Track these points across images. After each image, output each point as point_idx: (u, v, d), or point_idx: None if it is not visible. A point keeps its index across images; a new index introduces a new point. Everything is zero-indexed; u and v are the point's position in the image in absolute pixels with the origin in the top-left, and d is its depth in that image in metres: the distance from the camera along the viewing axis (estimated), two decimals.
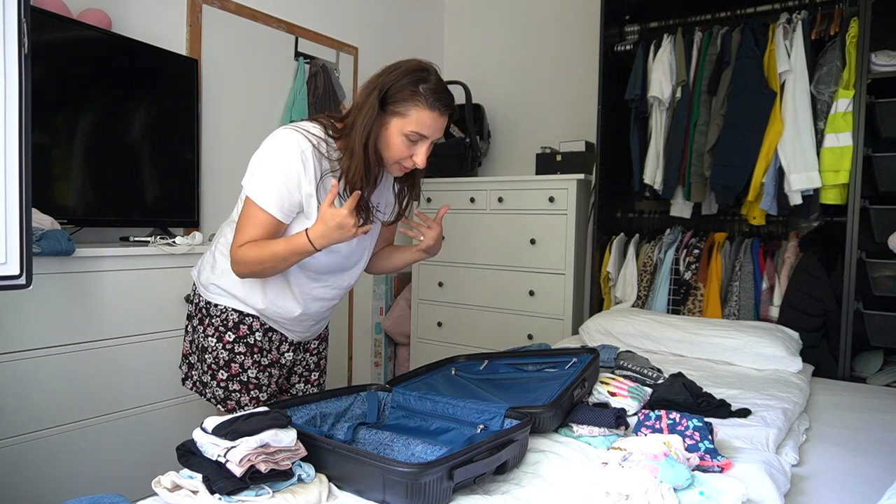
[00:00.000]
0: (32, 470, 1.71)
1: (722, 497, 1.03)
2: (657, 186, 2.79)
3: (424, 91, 1.26)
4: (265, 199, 1.29)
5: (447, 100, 1.30)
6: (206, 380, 1.49)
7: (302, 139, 1.30)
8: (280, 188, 1.29)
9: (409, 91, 1.26)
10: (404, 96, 1.26)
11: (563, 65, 3.50)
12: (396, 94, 1.27)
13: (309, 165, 1.30)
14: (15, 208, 1.30)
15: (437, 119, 1.29)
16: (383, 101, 1.28)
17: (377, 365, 3.61)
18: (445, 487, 1.03)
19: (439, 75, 1.31)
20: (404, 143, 1.30)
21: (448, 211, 1.55)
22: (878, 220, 2.30)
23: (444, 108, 1.29)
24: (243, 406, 1.48)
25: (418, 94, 1.26)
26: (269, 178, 1.29)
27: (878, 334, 2.32)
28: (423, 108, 1.26)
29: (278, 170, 1.29)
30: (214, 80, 2.60)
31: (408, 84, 1.26)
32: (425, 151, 1.32)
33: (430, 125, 1.29)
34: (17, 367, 1.67)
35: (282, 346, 1.55)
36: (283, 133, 1.32)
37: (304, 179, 1.30)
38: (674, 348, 2.35)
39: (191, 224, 2.43)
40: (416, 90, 1.26)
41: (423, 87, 1.26)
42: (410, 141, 1.30)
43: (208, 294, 1.49)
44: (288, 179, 1.29)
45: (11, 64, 1.27)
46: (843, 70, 2.36)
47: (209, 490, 1.01)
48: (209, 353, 1.48)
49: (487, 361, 1.79)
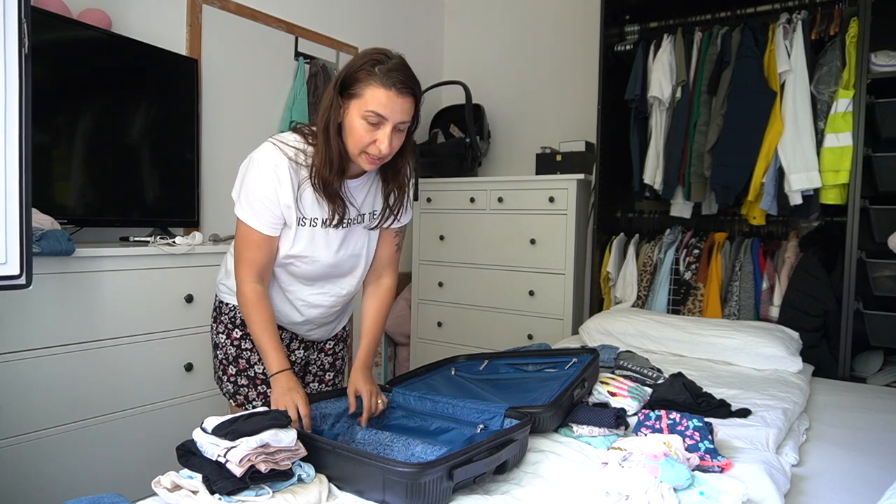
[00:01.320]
0: (32, 470, 1.71)
1: (722, 497, 1.03)
2: (657, 186, 2.79)
3: (380, 71, 1.23)
4: (253, 219, 1.34)
5: (406, 80, 1.24)
6: (219, 375, 1.56)
7: (276, 153, 1.32)
8: (262, 208, 1.33)
9: (365, 72, 1.24)
10: (359, 77, 1.24)
11: (563, 65, 3.50)
12: (353, 77, 1.25)
13: (284, 179, 1.32)
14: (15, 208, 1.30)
15: (394, 98, 1.23)
16: (343, 88, 1.27)
17: (377, 365, 3.61)
18: (445, 487, 1.03)
19: (402, 61, 1.27)
20: (364, 128, 1.26)
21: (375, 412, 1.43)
22: (878, 220, 2.30)
23: (400, 87, 1.23)
24: (251, 401, 1.52)
25: (373, 74, 1.23)
26: (252, 199, 1.33)
27: (878, 334, 2.32)
28: (377, 86, 1.23)
29: (257, 189, 1.32)
30: (214, 80, 2.60)
31: (364, 66, 1.24)
32: (388, 136, 1.26)
33: (387, 104, 1.23)
34: (17, 367, 1.67)
35: (292, 344, 1.58)
36: (260, 150, 1.35)
37: (282, 192, 1.32)
38: (674, 348, 2.35)
39: (191, 224, 2.43)
40: (372, 70, 1.23)
41: (378, 67, 1.23)
42: (370, 124, 1.25)
43: (220, 293, 1.57)
44: (267, 197, 1.32)
45: (11, 64, 1.27)
46: (843, 70, 2.37)
47: (209, 490, 1.01)
48: (220, 349, 1.54)
49: (487, 362, 1.79)
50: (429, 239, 3.43)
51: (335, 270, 1.47)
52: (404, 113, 1.26)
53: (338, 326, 1.67)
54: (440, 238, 3.38)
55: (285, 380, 1.34)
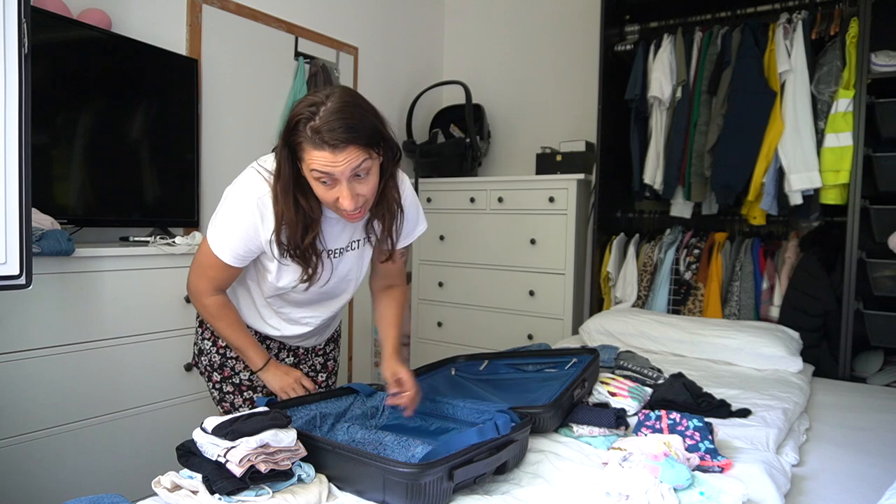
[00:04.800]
0: (32, 470, 1.71)
1: (722, 497, 1.03)
2: (657, 186, 2.79)
3: (310, 130, 1.13)
4: (221, 249, 1.29)
5: (339, 133, 1.12)
6: (204, 381, 1.55)
7: (261, 184, 1.25)
8: (236, 241, 1.28)
9: (297, 133, 1.16)
10: (297, 140, 1.17)
11: (563, 65, 3.50)
12: (293, 141, 1.18)
13: (267, 212, 1.25)
14: (15, 208, 1.30)
15: (333, 157, 1.13)
16: (293, 150, 1.19)
17: (377, 365, 3.61)
18: (446, 488, 1.03)
19: (339, 102, 1.15)
20: (321, 187, 1.19)
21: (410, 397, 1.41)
22: (878, 220, 2.30)
23: (333, 143, 1.12)
24: (237, 407, 1.51)
25: (305, 137, 1.15)
26: (226, 230, 1.28)
27: (878, 334, 2.32)
28: (311, 149, 1.15)
29: (236, 222, 1.27)
30: (214, 80, 2.60)
31: (297, 127, 1.16)
32: (347, 192, 1.17)
33: (327, 163, 1.14)
34: (17, 367, 1.67)
35: (280, 353, 1.56)
36: (244, 178, 1.28)
37: (262, 227, 1.26)
38: (674, 348, 2.35)
39: (190, 224, 2.43)
40: (304, 133, 1.14)
41: (309, 125, 1.14)
42: (324, 184, 1.18)
43: None
44: (245, 231, 1.27)
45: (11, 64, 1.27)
46: (843, 70, 2.36)
47: (209, 490, 1.01)
48: (205, 355, 1.53)
49: (487, 362, 1.78)
50: (429, 239, 3.43)
51: (325, 296, 1.46)
52: (351, 163, 1.15)
53: (327, 334, 1.64)
54: (440, 238, 3.38)
55: (276, 367, 1.39)
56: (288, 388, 1.42)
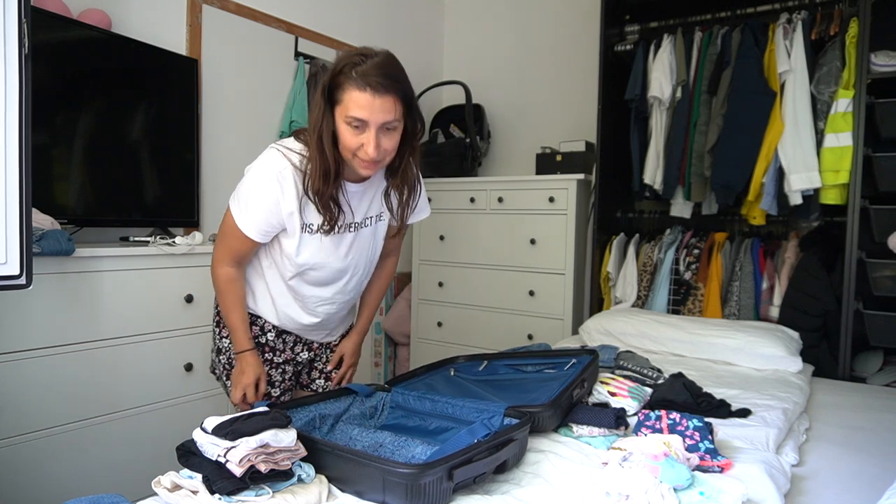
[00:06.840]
0: (32, 470, 1.71)
1: (722, 497, 1.03)
2: (657, 186, 2.79)
3: (356, 73, 1.22)
4: (245, 223, 1.36)
5: (384, 78, 1.22)
6: (219, 374, 1.58)
7: (280, 160, 1.33)
8: (258, 214, 1.35)
9: (343, 76, 1.24)
10: (339, 82, 1.25)
11: (563, 65, 3.50)
12: (334, 83, 1.26)
13: (287, 185, 1.33)
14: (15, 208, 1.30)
15: (372, 100, 1.22)
16: (328, 94, 1.28)
17: (377, 365, 3.61)
18: (445, 488, 1.03)
19: (383, 59, 1.25)
20: (349, 133, 1.26)
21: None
22: (878, 220, 2.30)
23: (377, 86, 1.22)
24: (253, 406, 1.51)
25: (350, 78, 1.23)
26: (250, 203, 1.35)
27: (878, 334, 2.32)
28: (353, 89, 1.23)
29: (258, 196, 1.34)
30: (214, 80, 2.60)
31: (343, 70, 1.24)
32: (373, 139, 1.25)
33: (365, 106, 1.23)
34: (17, 367, 1.67)
35: (296, 347, 1.58)
36: (265, 156, 1.36)
37: (283, 200, 1.33)
38: (674, 348, 2.35)
39: (191, 224, 2.43)
40: (349, 75, 1.23)
41: (355, 69, 1.23)
42: (354, 128, 1.26)
43: None
44: (266, 204, 1.34)
45: (11, 64, 1.27)
46: (843, 70, 2.36)
47: (209, 490, 1.01)
48: (223, 353, 1.55)
49: (487, 362, 1.78)
50: (429, 239, 3.43)
51: (343, 274, 1.49)
52: (386, 112, 1.24)
53: (341, 329, 1.67)
54: (440, 238, 3.38)
55: (250, 358, 1.46)
56: (242, 385, 1.47)
